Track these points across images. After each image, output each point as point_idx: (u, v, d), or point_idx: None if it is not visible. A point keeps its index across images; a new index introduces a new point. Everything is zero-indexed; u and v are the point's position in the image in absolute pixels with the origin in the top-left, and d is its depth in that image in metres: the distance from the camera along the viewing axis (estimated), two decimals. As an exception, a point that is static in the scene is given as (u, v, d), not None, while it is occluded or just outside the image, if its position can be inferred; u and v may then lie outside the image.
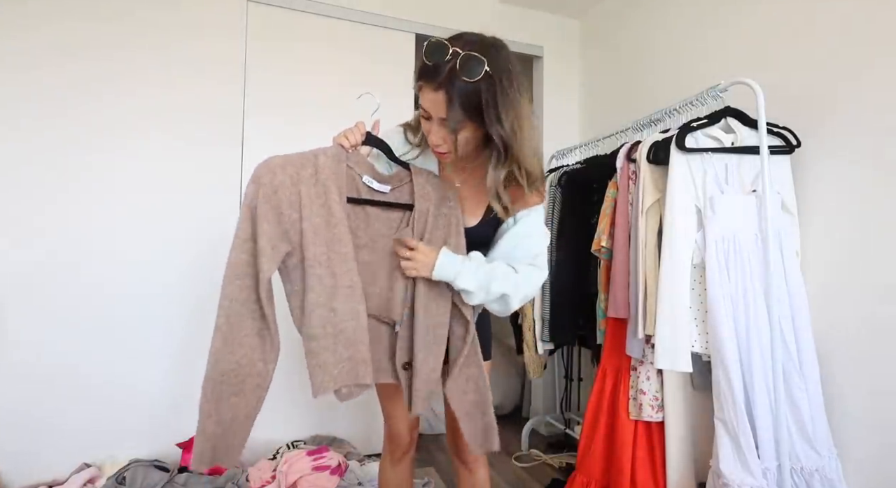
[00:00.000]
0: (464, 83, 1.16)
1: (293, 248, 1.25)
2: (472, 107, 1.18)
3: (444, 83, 1.17)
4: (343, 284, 1.25)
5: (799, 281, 1.83)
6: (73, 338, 2.30)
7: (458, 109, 1.18)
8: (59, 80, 2.32)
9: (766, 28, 2.14)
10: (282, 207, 1.23)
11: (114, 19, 2.43)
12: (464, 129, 1.24)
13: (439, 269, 1.30)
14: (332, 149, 1.33)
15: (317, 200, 1.25)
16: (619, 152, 2.16)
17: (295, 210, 1.24)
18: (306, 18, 2.78)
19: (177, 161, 2.51)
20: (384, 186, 1.36)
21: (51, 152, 2.31)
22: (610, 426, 2.04)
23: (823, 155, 1.90)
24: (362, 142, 1.36)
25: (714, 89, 1.97)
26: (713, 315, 1.74)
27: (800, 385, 1.74)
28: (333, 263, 1.25)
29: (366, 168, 1.36)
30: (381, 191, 1.36)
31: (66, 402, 2.28)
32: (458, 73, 1.15)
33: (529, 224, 1.40)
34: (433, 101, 1.21)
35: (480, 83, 1.16)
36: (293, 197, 1.24)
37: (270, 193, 1.22)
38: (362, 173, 1.35)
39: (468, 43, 1.19)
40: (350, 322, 1.26)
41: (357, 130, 1.36)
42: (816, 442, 1.74)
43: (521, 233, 1.39)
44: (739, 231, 1.80)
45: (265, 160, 1.27)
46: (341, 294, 1.25)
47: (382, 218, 1.36)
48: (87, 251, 2.34)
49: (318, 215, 1.25)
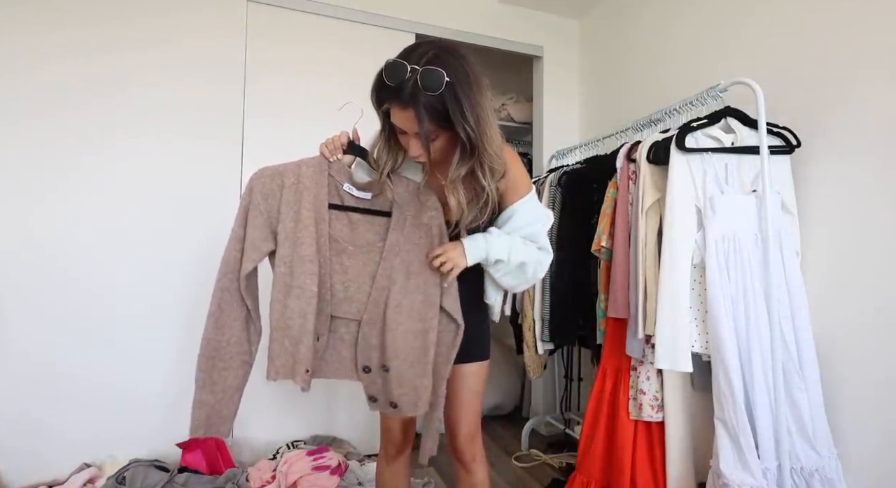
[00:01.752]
0: (428, 97, 1.19)
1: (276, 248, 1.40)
2: (441, 117, 1.22)
3: (409, 101, 1.21)
4: (296, 284, 1.37)
5: (799, 281, 1.83)
6: (72, 338, 2.30)
7: (427, 122, 1.22)
8: (58, 80, 2.32)
9: (766, 28, 2.14)
10: (269, 213, 1.40)
11: (112, 20, 2.43)
12: (438, 139, 1.28)
13: (471, 252, 1.37)
14: (315, 159, 1.44)
15: (292, 206, 1.39)
16: (618, 152, 2.16)
17: (276, 215, 1.40)
18: (306, 18, 2.78)
19: (176, 162, 2.50)
20: (365, 194, 1.44)
21: (49, 153, 2.30)
22: (610, 426, 2.04)
23: (824, 155, 1.90)
24: (344, 151, 1.43)
25: (714, 89, 1.97)
26: (713, 315, 1.74)
27: (800, 385, 1.74)
28: (294, 264, 1.37)
29: (345, 176, 1.44)
30: (362, 198, 1.44)
31: (66, 402, 2.29)
32: (420, 89, 1.18)
33: (526, 214, 1.43)
34: (404, 118, 1.25)
35: (444, 92, 1.19)
36: (277, 203, 1.40)
37: (261, 200, 1.39)
38: (342, 181, 1.43)
39: (423, 56, 1.22)
40: (297, 320, 1.36)
41: (337, 140, 1.44)
42: (816, 442, 1.73)
43: (523, 223, 1.43)
44: (739, 231, 1.80)
45: (259, 170, 1.43)
46: (293, 293, 1.37)
47: (366, 224, 1.45)
48: (86, 252, 2.34)
49: (291, 219, 1.39)
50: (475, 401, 1.56)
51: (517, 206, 1.43)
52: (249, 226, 1.38)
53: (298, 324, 1.36)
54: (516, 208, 1.43)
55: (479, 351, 1.54)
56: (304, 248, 1.37)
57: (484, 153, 1.29)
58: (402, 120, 1.26)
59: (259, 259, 1.39)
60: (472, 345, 1.49)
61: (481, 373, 1.56)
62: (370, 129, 1.44)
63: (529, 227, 1.44)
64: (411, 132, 1.27)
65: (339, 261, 1.42)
